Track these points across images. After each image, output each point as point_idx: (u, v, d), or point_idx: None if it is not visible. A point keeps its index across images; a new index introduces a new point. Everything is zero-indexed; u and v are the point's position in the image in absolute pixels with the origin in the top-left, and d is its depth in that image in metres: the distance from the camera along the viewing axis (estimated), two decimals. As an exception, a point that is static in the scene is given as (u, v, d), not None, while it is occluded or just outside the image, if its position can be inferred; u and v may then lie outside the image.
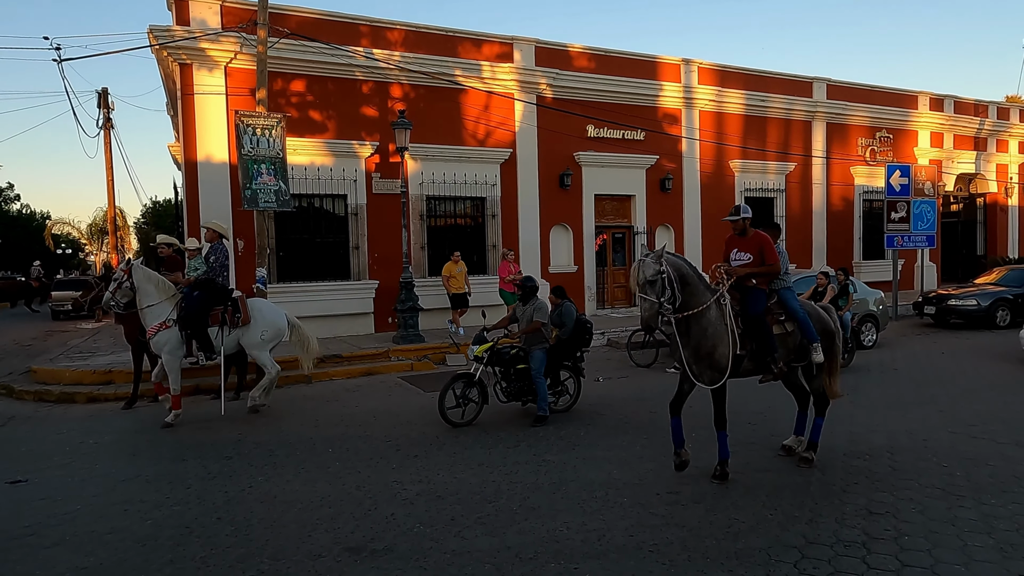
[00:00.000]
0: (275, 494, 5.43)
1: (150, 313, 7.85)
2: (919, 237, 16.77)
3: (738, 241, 5.82)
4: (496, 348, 7.70)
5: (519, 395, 7.78)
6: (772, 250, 5.65)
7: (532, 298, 7.79)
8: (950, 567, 3.95)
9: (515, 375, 7.74)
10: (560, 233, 15.99)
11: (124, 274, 7.91)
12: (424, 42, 14.26)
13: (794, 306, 5.77)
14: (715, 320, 5.34)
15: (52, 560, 4.35)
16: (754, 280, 5.58)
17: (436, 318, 13.89)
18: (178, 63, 12.41)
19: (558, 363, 7.88)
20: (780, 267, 5.68)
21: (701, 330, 5.32)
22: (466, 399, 7.42)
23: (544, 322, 7.64)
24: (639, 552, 4.25)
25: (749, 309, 5.49)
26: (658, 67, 16.92)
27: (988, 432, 6.71)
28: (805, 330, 5.72)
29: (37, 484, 5.87)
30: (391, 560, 4.22)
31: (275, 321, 8.52)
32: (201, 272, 8.22)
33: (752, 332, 5.47)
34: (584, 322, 8.04)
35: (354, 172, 13.69)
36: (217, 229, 8.53)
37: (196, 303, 7.92)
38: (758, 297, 5.55)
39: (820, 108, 19.09)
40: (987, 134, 22.76)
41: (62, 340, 15.47)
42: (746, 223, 5.76)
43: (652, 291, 5.07)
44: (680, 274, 5.26)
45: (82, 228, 32.66)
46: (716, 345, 5.32)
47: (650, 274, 5.07)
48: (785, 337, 5.73)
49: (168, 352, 7.83)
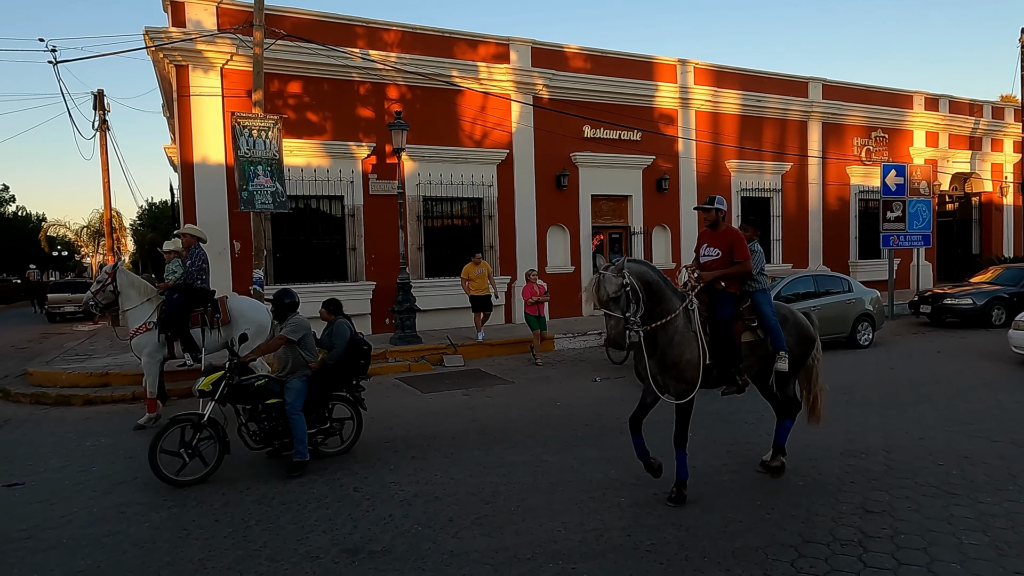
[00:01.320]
0: (272, 496, 5.43)
1: (131, 316, 8.00)
2: (915, 236, 16.83)
3: (709, 235, 5.47)
4: (237, 381, 6.07)
5: (274, 436, 6.16)
6: (743, 247, 5.26)
7: (289, 314, 6.44)
8: (946, 565, 3.96)
9: (265, 413, 6.12)
10: (557, 234, 16.00)
11: (108, 277, 8.03)
12: (420, 43, 14.27)
13: (766, 311, 5.36)
14: (682, 328, 4.96)
15: (49, 563, 4.34)
16: (723, 283, 5.22)
17: (434, 319, 13.89)
18: (174, 65, 12.39)
19: (325, 393, 6.42)
20: (751, 267, 5.28)
21: (667, 339, 4.92)
22: (193, 449, 5.75)
23: (290, 338, 6.19)
24: (636, 552, 4.26)
25: (716, 313, 5.12)
26: (654, 68, 16.95)
27: (984, 430, 6.74)
28: (773, 337, 5.31)
29: (34, 487, 5.86)
30: (389, 561, 4.22)
31: (255, 318, 8.54)
32: (179, 275, 8.28)
33: (717, 338, 5.08)
34: (360, 343, 6.62)
35: (351, 173, 13.69)
36: (194, 233, 8.55)
37: (175, 306, 8.00)
38: (726, 301, 5.19)
39: (816, 108, 19.14)
40: (982, 134, 22.83)
41: (58, 342, 15.43)
42: (719, 216, 5.40)
43: (617, 307, 4.67)
44: (645, 283, 4.86)
45: (78, 230, 32.55)
46: (683, 355, 4.91)
47: (613, 290, 4.68)
48: (757, 345, 5.36)
49: (147, 355, 7.93)
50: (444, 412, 8.26)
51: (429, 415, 8.13)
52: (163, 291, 8.18)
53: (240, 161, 11.25)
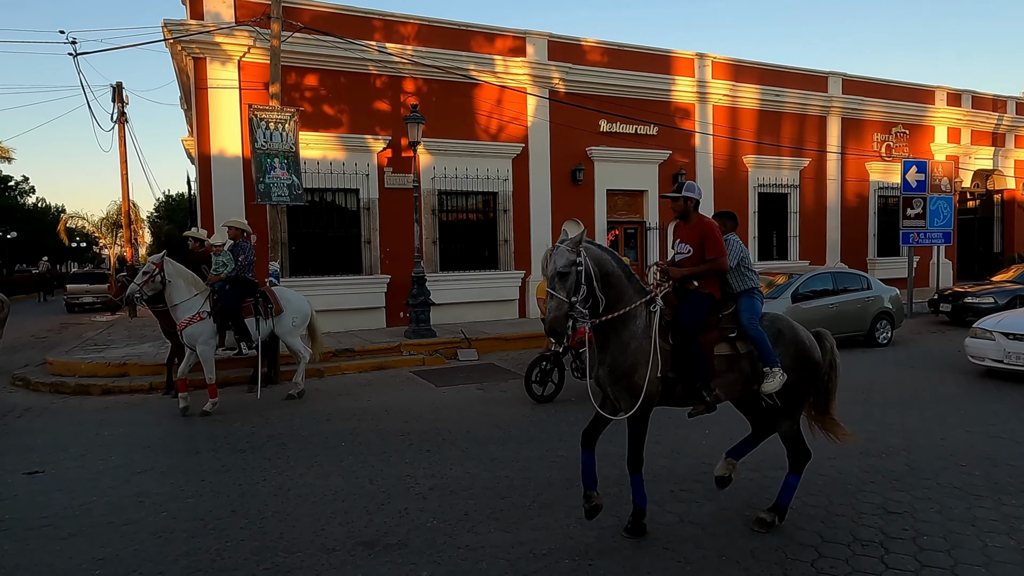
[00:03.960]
0: (288, 487, 5.45)
1: (182, 306, 8.02)
2: (935, 234, 16.58)
3: (681, 229, 4.71)
4: None
5: None
6: (717, 241, 4.46)
7: None
8: (970, 568, 3.90)
9: None
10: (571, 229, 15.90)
11: (156, 267, 7.99)
12: (437, 36, 14.23)
13: (743, 319, 4.49)
14: (640, 334, 4.24)
15: (69, 550, 4.38)
16: (696, 282, 4.49)
17: (447, 313, 13.89)
18: (192, 57, 12.45)
19: None
20: (726, 264, 4.51)
21: (621, 344, 4.22)
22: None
23: None
24: (653, 549, 4.23)
25: (680, 318, 4.35)
26: (672, 61, 16.81)
27: (1007, 431, 6.63)
28: (760, 350, 4.43)
29: (53, 475, 5.93)
30: (405, 554, 4.22)
31: (301, 307, 9.08)
32: (231, 269, 8.45)
33: (680, 348, 4.33)
34: None
35: (366, 166, 13.70)
36: (239, 226, 8.92)
37: (231, 297, 8.26)
38: (696, 305, 4.43)
39: (835, 103, 18.90)
40: (1005, 130, 22.45)
41: (77, 333, 15.62)
42: (688, 205, 4.61)
43: (563, 287, 3.98)
44: (603, 270, 4.16)
45: (96, 222, 32.84)
46: (637, 364, 4.20)
47: (561, 264, 3.97)
48: (735, 360, 4.48)
49: (203, 343, 8.05)
50: (459, 406, 8.25)
51: (444, 409, 8.12)
52: (212, 284, 8.32)
53: (257, 154, 11.29)
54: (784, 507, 4.54)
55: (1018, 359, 8.74)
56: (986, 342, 9.23)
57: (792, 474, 4.60)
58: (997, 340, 9.02)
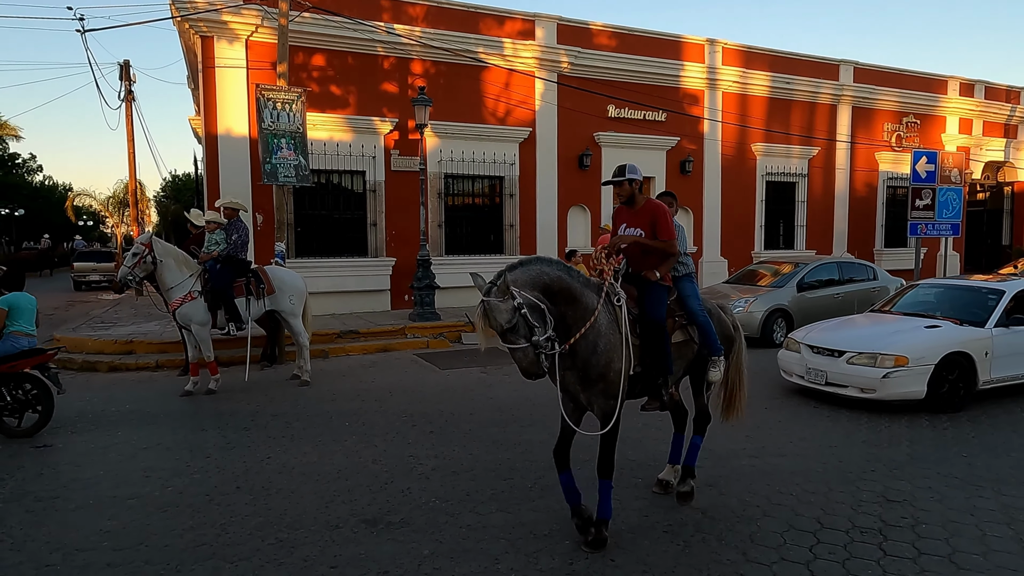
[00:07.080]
0: (293, 465, 5.51)
1: (173, 287, 7.95)
2: (943, 225, 16.46)
3: (626, 214, 4.51)
4: None
5: None
6: (668, 223, 4.33)
7: None
8: (968, 556, 3.92)
9: None
10: (578, 214, 15.90)
11: (145, 248, 7.87)
12: (446, 18, 14.13)
13: (693, 306, 4.49)
14: (607, 331, 3.95)
15: (76, 522, 4.45)
16: (658, 273, 4.29)
17: (452, 297, 13.90)
18: (199, 35, 12.40)
19: None
20: (677, 248, 4.38)
21: (590, 346, 3.89)
22: None
23: None
24: (653, 532, 4.27)
25: (649, 312, 4.15)
26: (682, 47, 16.65)
27: (1010, 422, 6.63)
28: (707, 338, 4.47)
29: (61, 449, 6.01)
30: (407, 533, 4.27)
31: (296, 284, 8.96)
32: (223, 247, 8.35)
33: (649, 343, 4.16)
34: None
35: (373, 148, 13.66)
36: (234, 206, 8.76)
37: (222, 276, 8.14)
38: (660, 297, 4.25)
39: (846, 92, 18.71)
40: (1018, 121, 22.18)
41: (84, 310, 15.72)
42: (634, 188, 4.45)
43: (517, 335, 3.60)
44: (545, 288, 3.77)
45: (103, 200, 32.93)
46: (611, 361, 3.93)
47: (505, 319, 3.55)
48: (684, 346, 4.47)
49: (197, 323, 8.01)
50: (462, 389, 8.30)
51: (447, 391, 8.17)
52: (203, 262, 8.23)
53: (264, 134, 11.26)
54: (692, 467, 4.83)
55: (818, 376, 7.36)
56: (793, 355, 7.85)
57: (698, 435, 4.90)
58: (803, 353, 7.68)
